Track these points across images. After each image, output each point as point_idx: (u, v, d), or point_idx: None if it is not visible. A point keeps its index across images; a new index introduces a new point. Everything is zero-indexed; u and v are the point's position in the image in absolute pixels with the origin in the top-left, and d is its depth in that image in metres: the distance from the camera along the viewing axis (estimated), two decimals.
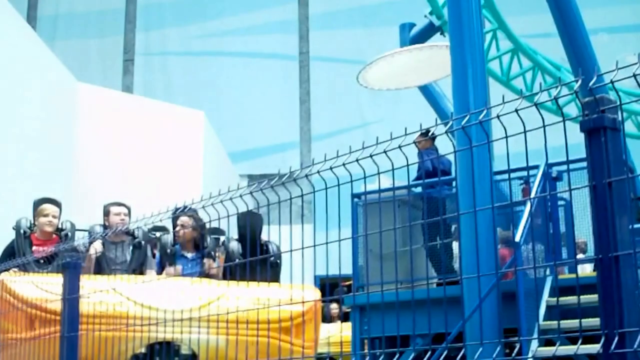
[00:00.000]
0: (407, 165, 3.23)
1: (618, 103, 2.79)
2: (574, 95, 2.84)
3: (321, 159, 3.43)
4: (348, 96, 18.42)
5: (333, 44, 20.10)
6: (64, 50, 16.43)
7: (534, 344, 6.89)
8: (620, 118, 2.90)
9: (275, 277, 7.43)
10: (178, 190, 7.70)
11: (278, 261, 7.82)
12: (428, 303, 3.57)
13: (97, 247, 6.96)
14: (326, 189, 3.51)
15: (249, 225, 7.61)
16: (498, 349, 3.13)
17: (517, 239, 7.65)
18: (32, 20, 20.47)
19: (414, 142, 2.71)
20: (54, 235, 7.24)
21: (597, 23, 17.63)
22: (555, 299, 7.61)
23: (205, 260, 7.45)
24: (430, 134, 9.57)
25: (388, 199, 7.99)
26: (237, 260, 7.34)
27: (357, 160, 3.31)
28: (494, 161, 8.06)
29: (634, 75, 2.61)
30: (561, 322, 7.10)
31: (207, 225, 7.19)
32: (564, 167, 8.24)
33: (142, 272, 7.04)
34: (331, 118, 19.46)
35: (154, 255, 7.71)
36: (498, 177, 9.02)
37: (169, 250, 7.52)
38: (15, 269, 6.24)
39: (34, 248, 7.04)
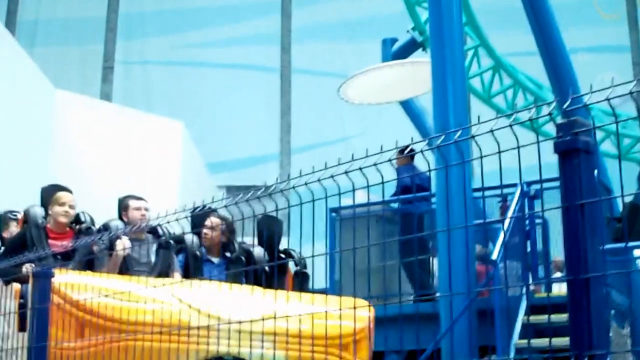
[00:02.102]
0: (382, 182, 3.23)
1: (592, 125, 2.80)
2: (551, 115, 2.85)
3: (301, 172, 3.44)
4: (329, 109, 18.43)
5: (315, 56, 20.12)
6: (43, 57, 16.31)
7: None
8: (593, 140, 2.91)
9: (303, 288, 7.01)
10: (154, 201, 7.58)
11: (305, 271, 7.43)
12: (400, 320, 3.57)
13: (125, 244, 6.11)
14: (301, 204, 3.51)
15: (268, 230, 7.06)
16: None
17: (494, 256, 7.68)
18: (12, 25, 20.31)
19: (389, 160, 2.70)
20: (68, 229, 6.46)
21: (579, 43, 17.76)
22: (531, 317, 7.65)
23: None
24: (406, 151, 9.59)
25: (364, 215, 8.00)
26: (264, 268, 6.77)
27: (332, 177, 3.31)
28: (472, 178, 8.09)
29: (607, 99, 2.63)
30: (536, 340, 7.13)
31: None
32: (543, 185, 8.28)
33: (167, 275, 6.25)
34: (312, 131, 19.46)
35: None
36: (477, 194, 9.06)
37: (198, 253, 6.78)
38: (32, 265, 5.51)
39: (50, 242, 6.21)
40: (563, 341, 3.58)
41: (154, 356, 4.28)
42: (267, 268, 6.77)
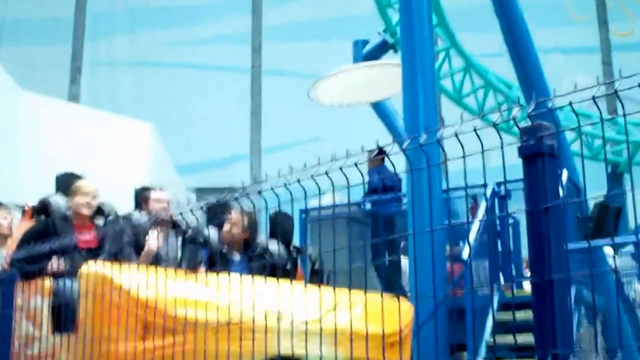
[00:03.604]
0: (348, 186, 3.24)
1: (556, 129, 2.83)
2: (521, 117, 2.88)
3: (271, 174, 3.46)
4: (300, 110, 18.40)
5: (286, 57, 20.08)
6: (8, 58, 16.13)
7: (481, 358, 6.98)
8: (561, 142, 2.94)
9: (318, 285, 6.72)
10: (123, 202, 7.46)
11: (322, 268, 6.98)
12: (365, 320, 3.58)
13: (157, 239, 5.66)
14: (267, 208, 3.53)
15: (281, 226, 6.67)
16: None
17: (465, 256, 7.74)
18: None
19: (355, 165, 2.71)
20: (88, 222, 5.92)
21: (551, 43, 17.88)
22: (503, 315, 7.72)
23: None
24: (375, 153, 9.62)
25: (336, 216, 8.00)
26: (284, 264, 6.41)
27: (298, 181, 3.33)
28: (443, 179, 8.14)
29: (570, 104, 2.65)
30: (507, 338, 7.19)
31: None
32: (513, 185, 8.35)
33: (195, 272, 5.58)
34: (282, 131, 19.43)
35: None
36: (451, 194, 9.13)
37: (225, 250, 6.32)
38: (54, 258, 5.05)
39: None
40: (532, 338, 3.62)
41: (220, 358, 3.92)
42: (285, 265, 6.43)
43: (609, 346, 7.56)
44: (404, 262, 8.95)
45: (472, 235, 7.63)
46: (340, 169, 3.14)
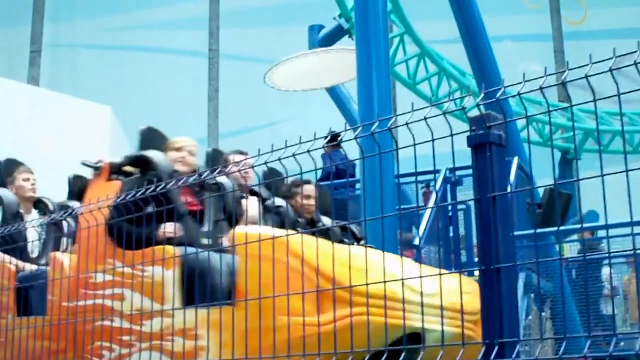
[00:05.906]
0: (301, 173, 3.28)
1: (504, 120, 2.88)
2: (473, 106, 2.93)
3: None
4: (257, 95, 18.36)
5: (243, 42, 20.01)
6: None
7: None
8: (510, 130, 2.99)
9: None
10: None
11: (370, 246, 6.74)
12: (317, 303, 3.62)
13: (254, 207, 4.84)
14: (223, 194, 3.55)
15: (320, 200, 6.34)
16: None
17: (417, 242, 7.81)
18: None
19: (308, 152, 2.71)
20: None
21: (504, 31, 18.02)
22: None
23: None
24: (328, 140, 9.67)
25: None
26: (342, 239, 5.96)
27: (252, 167, 3.36)
28: (395, 165, 8.20)
29: (519, 94, 2.71)
30: None
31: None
32: (465, 172, 8.46)
33: None
34: (239, 116, 19.37)
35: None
36: (405, 180, 9.21)
37: (301, 220, 5.89)
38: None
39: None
40: None
41: (374, 332, 3.68)
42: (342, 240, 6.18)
43: (557, 331, 7.70)
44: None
45: (424, 222, 7.72)
46: (294, 156, 3.18)
